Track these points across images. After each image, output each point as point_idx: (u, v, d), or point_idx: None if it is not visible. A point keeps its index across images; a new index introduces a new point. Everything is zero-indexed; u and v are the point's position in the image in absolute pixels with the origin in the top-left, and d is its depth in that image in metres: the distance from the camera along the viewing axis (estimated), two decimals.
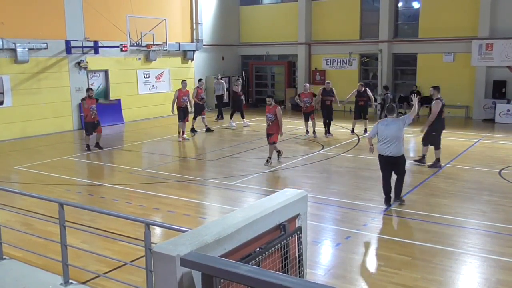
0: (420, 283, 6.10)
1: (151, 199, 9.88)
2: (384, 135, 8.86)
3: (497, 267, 6.56)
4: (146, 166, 13.00)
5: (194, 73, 23.88)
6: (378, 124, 9.06)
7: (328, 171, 12.14)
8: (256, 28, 26.09)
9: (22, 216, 8.33)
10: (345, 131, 17.54)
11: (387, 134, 8.83)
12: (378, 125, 9.03)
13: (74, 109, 18.96)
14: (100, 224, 8.04)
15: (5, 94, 16.77)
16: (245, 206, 6.74)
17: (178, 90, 16.23)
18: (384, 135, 8.86)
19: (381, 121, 9.13)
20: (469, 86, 20.90)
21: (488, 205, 9.17)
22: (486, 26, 19.92)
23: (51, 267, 6.14)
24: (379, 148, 9.06)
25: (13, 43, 16.56)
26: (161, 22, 19.15)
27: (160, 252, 3.20)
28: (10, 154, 14.64)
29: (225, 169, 12.29)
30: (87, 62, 19.08)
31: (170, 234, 5.55)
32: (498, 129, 18.18)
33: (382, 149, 8.99)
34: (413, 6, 22.52)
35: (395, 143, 8.83)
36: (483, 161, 12.63)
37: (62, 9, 18.22)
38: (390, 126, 8.85)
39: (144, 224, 4.79)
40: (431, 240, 7.47)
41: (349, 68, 23.54)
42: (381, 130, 8.93)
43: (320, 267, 6.67)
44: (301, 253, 4.15)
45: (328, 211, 9.10)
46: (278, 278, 2.71)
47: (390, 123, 8.91)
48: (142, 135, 17.70)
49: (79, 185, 11.16)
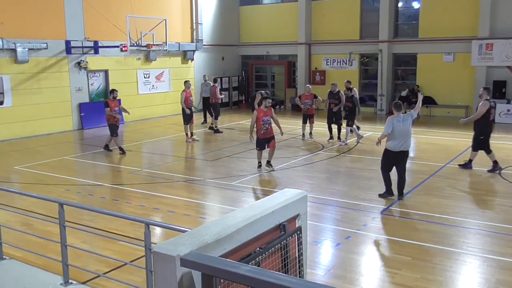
0: (420, 283, 6.10)
1: (151, 199, 9.89)
2: (400, 131, 9.06)
3: (497, 267, 6.56)
4: (146, 166, 13.00)
5: (194, 73, 23.90)
6: (393, 120, 9.12)
7: (328, 171, 12.14)
8: (256, 28, 26.10)
9: (22, 216, 8.33)
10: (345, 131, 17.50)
11: (403, 130, 9.08)
12: (393, 121, 9.10)
13: (74, 109, 18.96)
14: (100, 224, 8.04)
15: (5, 94, 16.77)
16: (245, 206, 6.74)
17: (184, 91, 16.03)
18: (401, 131, 9.06)
19: (395, 118, 9.17)
20: (469, 86, 20.90)
21: (488, 205, 9.17)
22: (486, 26, 19.92)
23: (51, 267, 6.14)
24: (391, 145, 9.17)
25: (13, 43, 16.56)
26: (161, 22, 19.16)
27: (160, 252, 3.20)
28: (10, 154, 14.64)
29: (225, 169, 12.29)
30: (87, 62, 19.09)
31: (170, 234, 5.55)
32: (498, 129, 18.15)
33: (395, 145, 9.14)
34: (413, 6, 22.52)
35: (409, 138, 9.22)
36: (483, 161, 12.62)
37: (62, 9, 18.23)
38: (405, 122, 9.13)
39: (144, 224, 4.79)
40: (431, 240, 7.47)
41: (349, 68, 23.54)
42: (397, 126, 9.06)
43: (320, 267, 6.67)
44: (301, 253, 4.15)
45: (328, 211, 9.10)
46: (278, 278, 2.70)
47: (404, 119, 9.15)
48: (142, 135, 17.71)
49: (79, 185, 11.16)
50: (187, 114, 15.90)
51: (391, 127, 9.07)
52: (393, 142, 9.13)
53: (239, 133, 17.84)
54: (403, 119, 9.13)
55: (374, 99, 23.27)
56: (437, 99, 21.66)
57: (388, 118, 9.29)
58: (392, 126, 9.05)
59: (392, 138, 9.12)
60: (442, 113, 21.58)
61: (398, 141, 9.09)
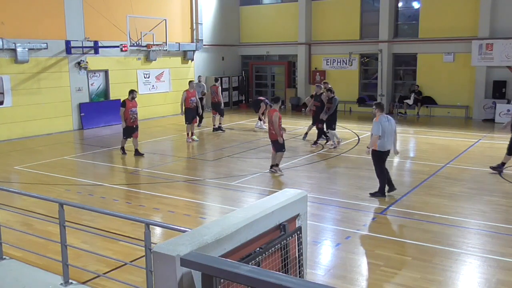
0: (420, 283, 6.10)
1: (151, 199, 9.89)
2: (388, 130, 9.26)
3: (497, 267, 6.56)
4: (146, 166, 13.00)
5: (194, 73, 23.89)
6: (380, 121, 9.24)
7: (328, 171, 12.14)
8: (256, 28, 26.10)
9: (22, 216, 8.33)
10: (345, 131, 17.52)
11: (390, 129, 9.30)
12: (381, 122, 9.22)
13: (74, 109, 18.96)
14: (100, 224, 8.04)
15: (5, 94, 16.76)
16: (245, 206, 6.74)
17: (186, 91, 16.00)
18: (388, 130, 9.27)
19: (381, 118, 9.29)
20: (469, 86, 20.90)
21: (488, 205, 9.17)
22: (486, 26, 19.92)
23: (51, 267, 6.14)
24: (380, 145, 9.32)
25: (13, 43, 16.56)
26: (161, 22, 19.14)
27: (160, 252, 3.20)
28: (10, 154, 14.64)
29: (225, 169, 12.29)
30: (87, 62, 19.09)
31: (170, 234, 5.55)
32: (498, 129, 18.17)
33: (384, 145, 9.33)
34: (413, 6, 22.51)
35: (393, 136, 9.48)
36: (483, 161, 12.62)
37: (62, 9, 18.22)
38: (391, 121, 9.39)
39: (144, 224, 4.79)
40: (431, 240, 7.47)
41: (349, 68, 23.54)
42: (385, 126, 9.22)
43: (320, 267, 6.67)
44: (301, 253, 4.15)
45: (328, 211, 9.10)
46: (278, 278, 2.70)
47: (389, 118, 9.43)
48: (142, 135, 17.64)
49: (79, 185, 11.16)
50: (190, 113, 15.90)
51: (380, 127, 9.17)
52: (382, 141, 9.29)
53: (239, 133, 17.84)
54: (388, 118, 9.38)
55: (374, 99, 23.24)
56: (437, 99, 21.65)
57: (374, 121, 9.37)
58: (381, 127, 9.17)
59: (381, 138, 9.26)
60: (442, 113, 21.57)
61: (386, 140, 9.30)
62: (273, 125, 11.22)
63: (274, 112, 11.33)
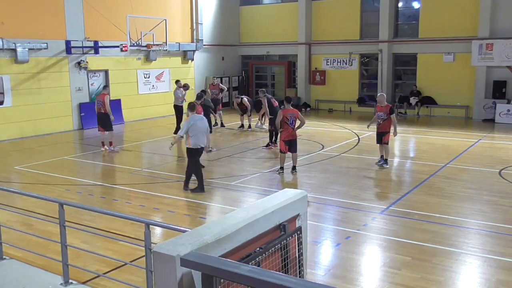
0: (420, 283, 6.10)
1: (151, 199, 9.89)
2: (200, 129, 10.18)
3: (497, 267, 6.56)
4: (146, 166, 13.00)
5: (194, 73, 23.90)
6: (192, 120, 9.97)
7: (328, 171, 12.14)
8: (256, 28, 26.09)
9: (22, 216, 8.33)
10: (345, 131, 17.53)
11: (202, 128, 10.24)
12: (193, 121, 9.96)
13: (74, 109, 18.96)
14: (100, 224, 8.04)
15: (5, 94, 16.76)
16: (245, 206, 6.74)
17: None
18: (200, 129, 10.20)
19: (194, 117, 10.03)
20: (469, 86, 20.90)
21: (488, 205, 9.17)
22: (486, 26, 19.91)
23: (51, 267, 6.14)
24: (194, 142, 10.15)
25: (13, 43, 16.55)
26: (161, 22, 19.14)
27: (160, 252, 3.20)
28: (10, 154, 14.64)
29: (225, 169, 12.29)
30: (87, 62, 19.08)
31: (170, 234, 5.55)
32: (498, 129, 18.18)
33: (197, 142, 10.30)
34: (413, 6, 22.51)
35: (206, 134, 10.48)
36: (483, 161, 12.63)
37: (62, 9, 18.22)
38: (203, 121, 10.31)
39: (144, 224, 4.79)
40: (431, 240, 7.47)
41: (349, 68, 23.54)
42: (197, 126, 10.01)
43: (320, 267, 6.67)
44: (301, 253, 4.15)
45: (328, 211, 9.10)
46: (278, 278, 2.71)
47: (201, 117, 10.46)
48: (142, 135, 17.70)
49: (79, 185, 11.16)
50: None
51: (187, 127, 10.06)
52: (194, 139, 10.02)
53: (239, 133, 17.84)
54: (201, 117, 10.38)
55: (374, 99, 23.25)
56: (437, 99, 21.65)
57: (184, 121, 10.42)
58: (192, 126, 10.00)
59: (195, 136, 9.96)
60: (442, 113, 21.57)
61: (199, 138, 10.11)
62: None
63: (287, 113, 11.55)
